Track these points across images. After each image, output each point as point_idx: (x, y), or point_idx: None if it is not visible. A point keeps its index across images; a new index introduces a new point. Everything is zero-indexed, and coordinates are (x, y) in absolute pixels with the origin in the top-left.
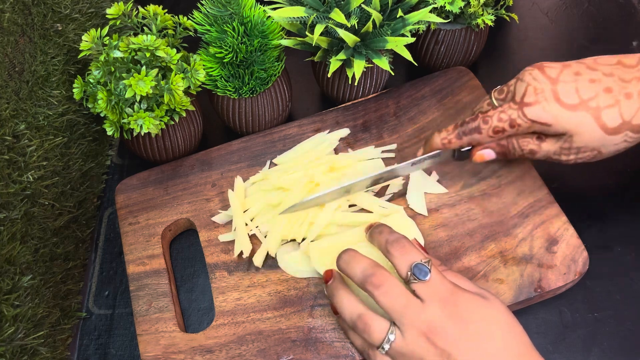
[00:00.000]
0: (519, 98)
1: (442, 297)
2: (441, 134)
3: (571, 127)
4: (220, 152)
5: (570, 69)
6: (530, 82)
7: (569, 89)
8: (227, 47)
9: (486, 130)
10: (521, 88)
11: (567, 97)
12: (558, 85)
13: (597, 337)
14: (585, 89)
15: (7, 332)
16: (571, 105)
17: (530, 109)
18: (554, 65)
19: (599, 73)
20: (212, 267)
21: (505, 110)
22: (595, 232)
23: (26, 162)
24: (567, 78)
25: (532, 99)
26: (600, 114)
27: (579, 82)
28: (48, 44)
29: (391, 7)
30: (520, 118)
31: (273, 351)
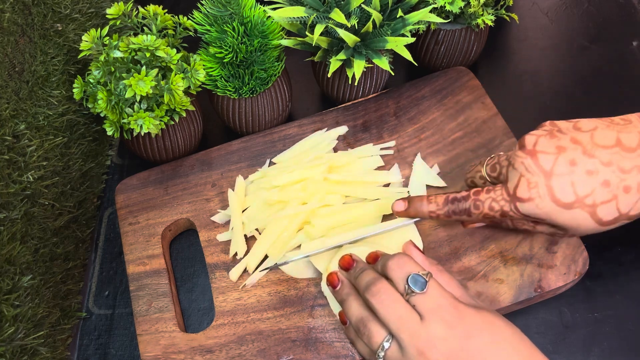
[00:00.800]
0: (512, 189)
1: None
2: (430, 206)
3: (565, 223)
4: (220, 152)
5: (566, 155)
6: (523, 172)
7: (564, 184)
8: (227, 47)
9: (476, 216)
10: (514, 177)
11: (563, 194)
12: (552, 180)
13: (597, 337)
14: (582, 183)
15: (7, 332)
16: (566, 203)
17: (523, 205)
18: (547, 150)
19: (597, 162)
20: (212, 267)
21: (497, 199)
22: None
23: (26, 162)
24: (562, 170)
25: (525, 195)
26: (596, 210)
27: (575, 174)
28: (48, 44)
29: (391, 7)
30: (512, 211)
31: (273, 351)
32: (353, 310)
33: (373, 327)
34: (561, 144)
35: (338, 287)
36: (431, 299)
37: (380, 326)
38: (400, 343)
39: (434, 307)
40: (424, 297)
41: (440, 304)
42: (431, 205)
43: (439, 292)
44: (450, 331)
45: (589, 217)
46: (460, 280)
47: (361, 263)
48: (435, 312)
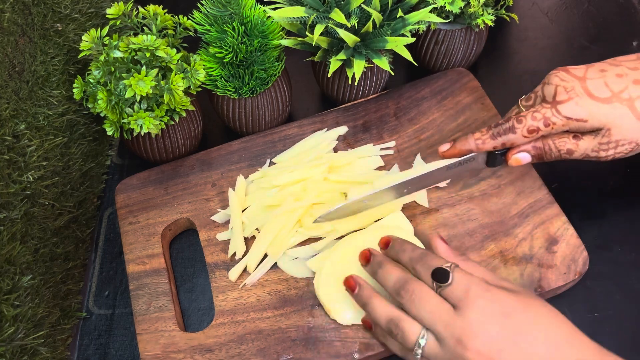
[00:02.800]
0: (551, 98)
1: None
2: (475, 135)
3: (608, 120)
4: (220, 152)
5: (595, 67)
6: (558, 83)
7: (598, 84)
8: (227, 47)
9: (520, 130)
10: (550, 90)
11: (599, 91)
12: (587, 82)
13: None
14: (614, 82)
15: (7, 332)
16: (604, 98)
17: (564, 106)
18: (577, 67)
19: (624, 68)
20: (212, 266)
21: (538, 110)
22: (595, 232)
23: (26, 162)
24: (594, 75)
25: (564, 97)
26: (634, 104)
27: (607, 77)
28: (48, 44)
29: (391, 7)
30: (555, 116)
31: (273, 350)
32: (380, 311)
33: (406, 325)
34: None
35: (357, 291)
36: (459, 288)
37: (413, 323)
38: (437, 336)
39: (464, 296)
40: (452, 288)
41: (469, 291)
42: (476, 134)
43: (466, 280)
44: (486, 316)
45: (630, 112)
46: None
47: (379, 256)
48: (466, 300)
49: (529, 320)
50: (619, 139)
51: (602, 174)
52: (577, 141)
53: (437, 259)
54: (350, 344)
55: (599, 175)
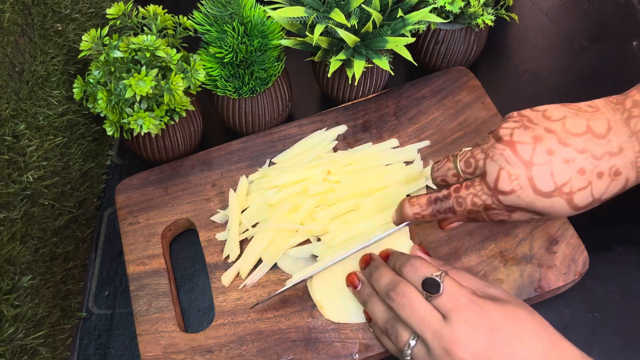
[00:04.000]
0: (492, 183)
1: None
2: (413, 209)
3: (544, 210)
4: (220, 152)
5: (543, 145)
6: (503, 165)
7: (544, 173)
8: (227, 47)
9: (461, 212)
10: (493, 170)
11: (543, 184)
12: (533, 170)
13: (597, 337)
14: (560, 172)
15: (7, 332)
16: (546, 192)
17: (506, 198)
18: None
19: (572, 150)
20: (212, 267)
21: (479, 194)
22: (595, 232)
23: (26, 162)
24: (540, 159)
25: (507, 187)
26: (573, 197)
27: (553, 163)
28: (48, 44)
29: (391, 7)
30: (495, 204)
31: (273, 351)
32: (378, 311)
33: (399, 328)
34: (537, 134)
35: (359, 288)
36: (449, 299)
37: (405, 327)
38: (425, 343)
39: (453, 307)
40: (442, 298)
41: (459, 303)
42: (414, 207)
43: (456, 291)
44: (473, 328)
45: (566, 204)
46: None
47: (377, 260)
48: (455, 311)
49: (515, 332)
50: (549, 218)
51: None
52: (510, 213)
53: (427, 266)
54: (350, 345)
55: None
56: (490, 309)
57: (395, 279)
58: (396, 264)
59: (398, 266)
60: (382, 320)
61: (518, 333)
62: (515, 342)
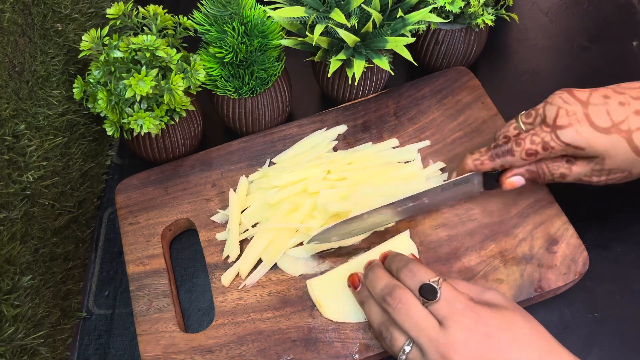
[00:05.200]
0: (551, 121)
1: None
2: (473, 155)
3: (604, 150)
4: (220, 152)
5: (599, 92)
6: (561, 105)
7: (600, 111)
8: (227, 47)
9: (519, 153)
10: (552, 111)
11: (600, 120)
12: (589, 108)
13: (597, 337)
14: (616, 111)
15: (7, 332)
16: (604, 128)
17: (563, 132)
18: (582, 89)
19: (627, 96)
20: (212, 267)
21: (537, 133)
22: (595, 232)
23: (26, 162)
24: (597, 101)
25: (565, 122)
26: (632, 136)
27: (609, 104)
28: (48, 44)
29: (391, 7)
30: (554, 141)
31: (273, 351)
32: (374, 314)
33: (394, 332)
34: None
35: (359, 289)
36: (446, 305)
37: (400, 331)
38: (421, 348)
39: (450, 313)
40: (439, 304)
41: (455, 309)
42: (474, 155)
43: (453, 297)
44: (470, 335)
45: (626, 144)
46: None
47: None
48: (452, 317)
49: (511, 338)
50: (612, 167)
51: None
52: (571, 166)
53: (424, 271)
54: (351, 345)
55: None
56: (487, 315)
57: (391, 282)
58: (393, 266)
59: (395, 269)
60: (377, 323)
61: (514, 339)
62: (511, 348)
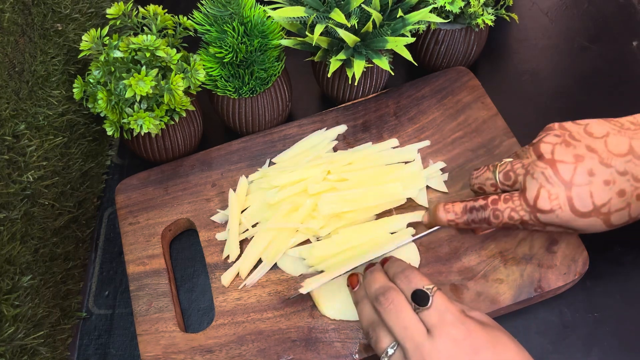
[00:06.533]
0: (532, 200)
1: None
2: (448, 215)
3: (580, 228)
4: (220, 152)
5: (584, 165)
6: (543, 183)
7: (583, 194)
8: (227, 47)
9: (496, 225)
10: (533, 187)
11: (582, 205)
12: (573, 191)
13: (597, 337)
14: (600, 193)
15: (7, 332)
16: (584, 212)
17: (544, 216)
18: (566, 159)
19: (613, 171)
20: (212, 267)
21: (517, 209)
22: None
23: (26, 162)
24: (581, 180)
25: (546, 206)
26: (610, 217)
27: (593, 185)
28: (48, 44)
29: (391, 7)
30: (532, 220)
31: (273, 351)
32: (365, 313)
33: (380, 333)
34: (578, 153)
35: (356, 289)
36: (436, 314)
37: (387, 333)
38: (405, 353)
39: (439, 322)
40: (429, 311)
41: (445, 319)
42: (449, 214)
43: (444, 307)
44: (456, 347)
45: (602, 223)
46: (460, 280)
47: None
48: (440, 327)
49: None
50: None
51: None
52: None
53: (420, 278)
54: (350, 345)
55: None
56: (476, 330)
57: (387, 284)
58: (390, 270)
59: (392, 273)
60: (366, 322)
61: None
62: None
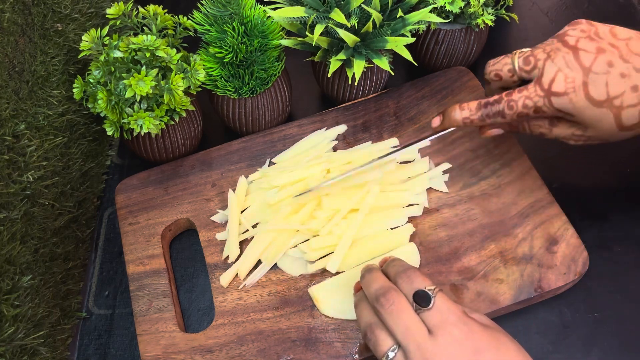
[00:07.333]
0: (547, 83)
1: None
2: (463, 112)
3: (590, 121)
4: (220, 152)
5: (604, 56)
6: (562, 67)
7: (599, 82)
8: (227, 47)
9: (510, 116)
10: (551, 71)
11: (596, 92)
12: (590, 77)
13: (597, 337)
14: (615, 84)
15: (7, 332)
16: (598, 101)
17: (557, 99)
18: (588, 49)
19: (631, 67)
20: (212, 267)
21: (531, 96)
22: (595, 232)
23: (26, 162)
24: (599, 69)
25: (561, 88)
26: (621, 112)
27: (611, 75)
28: (48, 44)
29: (391, 7)
30: (546, 106)
31: (273, 351)
32: (364, 314)
33: (380, 335)
34: (601, 46)
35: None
36: (438, 314)
37: (387, 335)
38: (407, 354)
39: (441, 322)
40: (431, 312)
41: (447, 319)
42: (464, 112)
43: (446, 307)
44: (459, 347)
45: (613, 118)
46: (460, 280)
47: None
48: (442, 327)
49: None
50: (592, 135)
51: (603, 174)
52: (552, 127)
53: (422, 279)
54: (351, 345)
55: (599, 175)
56: (478, 331)
57: (387, 285)
58: (391, 270)
59: (393, 274)
60: (365, 324)
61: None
62: None
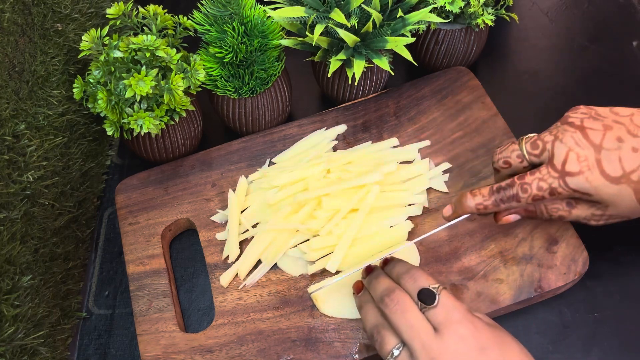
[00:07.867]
0: (560, 164)
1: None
2: (475, 199)
3: (609, 199)
4: (220, 152)
5: (612, 132)
6: (572, 147)
7: (612, 158)
8: (227, 47)
9: (525, 199)
10: (561, 151)
11: (611, 168)
12: (602, 154)
13: (597, 337)
14: (628, 159)
15: (7, 332)
16: (614, 178)
17: (573, 179)
18: (595, 127)
19: None
20: (212, 267)
21: (545, 178)
22: (595, 232)
23: (26, 162)
24: (610, 145)
25: (575, 168)
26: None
27: (623, 150)
28: (48, 44)
29: (391, 7)
30: (562, 187)
31: (273, 351)
32: (370, 316)
33: (386, 335)
34: (606, 123)
35: (359, 294)
36: (443, 312)
37: (393, 334)
38: (412, 353)
39: (446, 320)
40: (436, 310)
41: (452, 317)
42: (477, 198)
43: (451, 305)
44: (464, 344)
45: (633, 194)
46: (460, 280)
47: (377, 269)
48: (448, 325)
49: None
50: (613, 214)
51: None
52: (571, 209)
53: (425, 277)
54: (351, 345)
55: None
56: (483, 328)
57: (392, 285)
58: (394, 271)
59: (396, 274)
60: (371, 325)
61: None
62: None
